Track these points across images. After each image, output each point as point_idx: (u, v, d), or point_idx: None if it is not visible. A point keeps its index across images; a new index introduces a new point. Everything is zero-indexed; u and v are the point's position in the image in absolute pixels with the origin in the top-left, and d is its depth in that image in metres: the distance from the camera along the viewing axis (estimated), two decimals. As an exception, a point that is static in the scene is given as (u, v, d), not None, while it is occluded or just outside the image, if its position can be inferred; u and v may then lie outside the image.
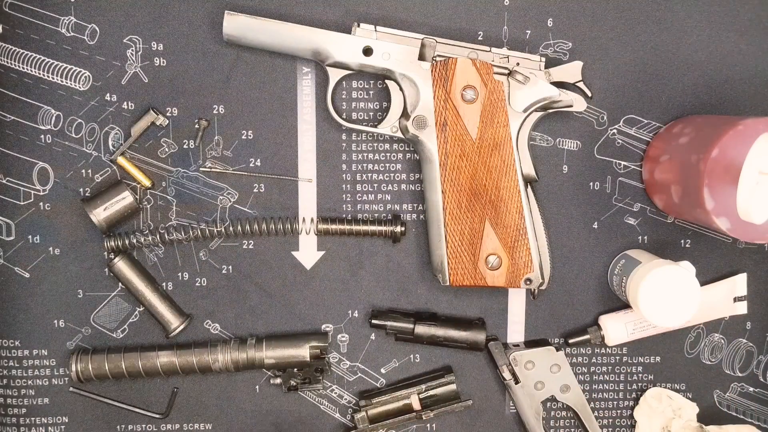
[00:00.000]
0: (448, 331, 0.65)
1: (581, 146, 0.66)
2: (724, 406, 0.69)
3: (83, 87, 0.63)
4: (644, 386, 0.68)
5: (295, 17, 0.63)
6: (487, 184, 0.60)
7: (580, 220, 0.66)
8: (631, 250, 0.65)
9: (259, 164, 0.65)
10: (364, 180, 0.65)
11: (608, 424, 0.69)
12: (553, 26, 0.64)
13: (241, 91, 0.64)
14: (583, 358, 0.68)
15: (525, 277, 0.61)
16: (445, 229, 0.61)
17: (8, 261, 0.65)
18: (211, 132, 0.64)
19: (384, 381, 0.68)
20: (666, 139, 0.63)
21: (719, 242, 0.67)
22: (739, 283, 0.66)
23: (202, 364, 0.63)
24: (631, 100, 0.65)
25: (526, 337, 0.68)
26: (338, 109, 0.65)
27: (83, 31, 0.63)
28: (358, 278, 0.66)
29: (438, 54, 0.60)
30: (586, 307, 0.67)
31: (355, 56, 0.60)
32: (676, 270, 0.59)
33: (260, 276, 0.66)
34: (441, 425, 0.68)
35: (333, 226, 0.64)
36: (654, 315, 0.60)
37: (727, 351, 0.68)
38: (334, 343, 0.67)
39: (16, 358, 0.66)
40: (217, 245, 0.65)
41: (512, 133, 0.60)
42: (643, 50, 0.65)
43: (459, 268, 0.61)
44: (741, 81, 0.65)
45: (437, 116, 0.60)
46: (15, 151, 0.63)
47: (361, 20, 0.63)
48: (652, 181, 0.64)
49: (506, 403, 0.68)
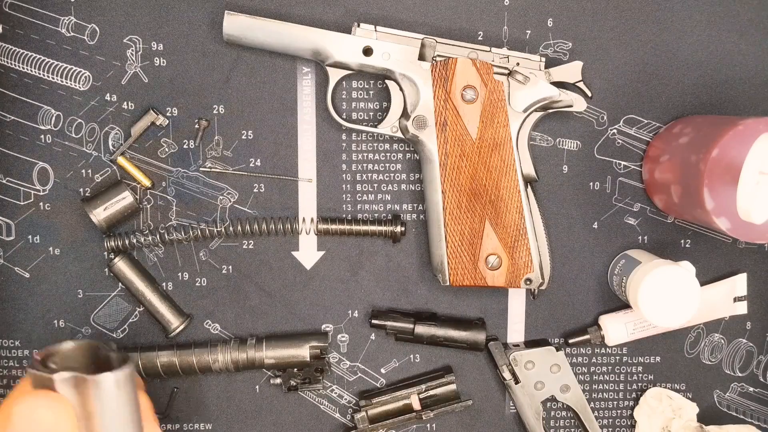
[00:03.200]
0: (448, 331, 0.65)
1: (581, 146, 0.66)
2: (724, 406, 0.69)
3: (83, 87, 0.63)
4: (644, 386, 0.68)
5: (295, 17, 0.63)
6: (487, 184, 0.60)
7: (580, 220, 0.66)
8: (631, 250, 0.65)
9: (259, 164, 0.65)
10: (364, 180, 0.65)
11: (608, 424, 0.69)
12: (553, 26, 0.64)
13: (241, 91, 0.64)
14: (583, 358, 0.68)
15: (525, 277, 0.61)
16: (445, 229, 0.61)
17: (8, 261, 0.65)
18: (211, 132, 0.64)
19: (384, 381, 0.68)
20: (666, 139, 0.63)
21: (719, 242, 0.67)
22: (739, 283, 0.66)
23: (202, 364, 0.63)
24: (631, 100, 0.65)
25: (526, 337, 0.68)
26: (338, 109, 0.65)
27: (83, 31, 0.63)
28: (358, 278, 0.66)
29: (438, 54, 0.60)
30: (586, 307, 0.67)
31: (355, 56, 0.60)
32: (676, 270, 0.59)
33: (260, 276, 0.66)
34: (441, 425, 0.68)
35: (333, 226, 0.64)
36: (654, 315, 0.60)
37: (727, 351, 0.68)
38: (334, 343, 0.67)
39: (16, 358, 0.66)
40: (217, 245, 0.65)
41: (512, 133, 0.60)
42: (643, 50, 0.65)
43: (459, 268, 0.61)
44: (741, 81, 0.65)
45: (437, 116, 0.60)
46: (15, 151, 0.63)
47: (361, 20, 0.63)
48: (652, 181, 0.64)
49: (506, 403, 0.68)
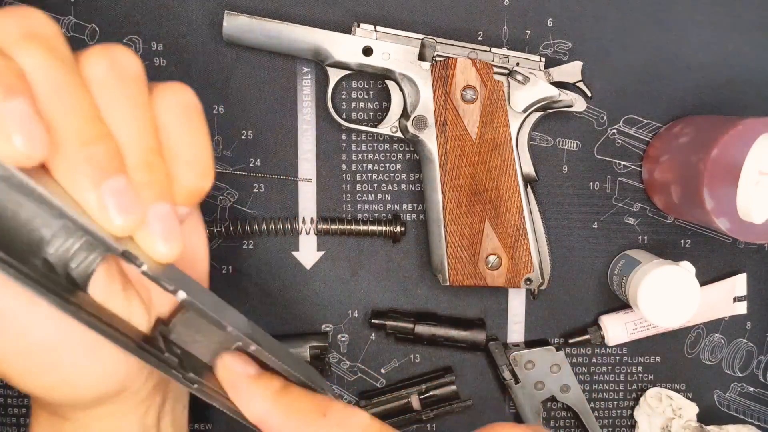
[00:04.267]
0: (448, 331, 0.65)
1: (581, 146, 0.66)
2: (724, 406, 0.69)
3: (83, 87, 0.63)
4: (644, 386, 0.68)
5: (295, 17, 0.63)
6: (487, 184, 0.60)
7: (580, 220, 0.66)
8: (631, 250, 0.65)
9: (259, 164, 0.65)
10: (364, 180, 0.65)
11: (608, 424, 0.69)
12: (553, 26, 0.64)
13: (241, 91, 0.64)
14: (583, 358, 0.68)
15: (525, 277, 0.61)
16: (445, 229, 0.61)
17: (8, 261, 0.64)
18: (211, 132, 0.64)
19: (384, 381, 0.68)
20: (666, 139, 0.63)
21: (719, 242, 0.67)
22: (739, 283, 0.66)
23: (202, 364, 0.63)
24: (631, 100, 0.65)
25: (526, 337, 0.68)
26: (338, 109, 0.65)
27: (83, 31, 0.63)
28: (358, 278, 0.66)
29: (438, 54, 0.60)
30: (586, 307, 0.67)
31: (355, 56, 0.60)
32: (676, 270, 0.59)
33: (260, 276, 0.66)
34: (441, 425, 0.68)
35: (333, 226, 0.64)
36: (654, 315, 0.60)
37: (727, 351, 0.68)
38: (334, 343, 0.67)
39: (16, 358, 0.65)
40: (217, 245, 0.65)
41: (512, 133, 0.60)
42: (644, 50, 0.65)
43: (459, 268, 0.61)
44: (741, 81, 0.65)
45: (437, 116, 0.60)
46: (15, 151, 0.63)
47: (361, 20, 0.63)
48: (652, 181, 0.64)
49: (506, 403, 0.68)
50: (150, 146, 0.33)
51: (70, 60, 0.32)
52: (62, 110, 0.30)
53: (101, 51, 0.33)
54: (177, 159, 0.35)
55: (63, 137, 0.30)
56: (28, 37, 0.30)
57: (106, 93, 0.32)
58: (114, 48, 0.34)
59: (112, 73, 0.33)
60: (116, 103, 0.33)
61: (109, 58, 0.33)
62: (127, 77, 0.34)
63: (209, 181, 0.36)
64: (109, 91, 0.33)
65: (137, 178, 0.32)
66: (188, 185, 0.35)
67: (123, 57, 0.34)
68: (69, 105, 0.31)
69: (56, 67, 0.30)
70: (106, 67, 0.33)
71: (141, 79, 0.34)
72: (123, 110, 0.33)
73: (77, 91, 0.31)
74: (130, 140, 0.33)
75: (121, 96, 0.33)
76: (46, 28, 0.31)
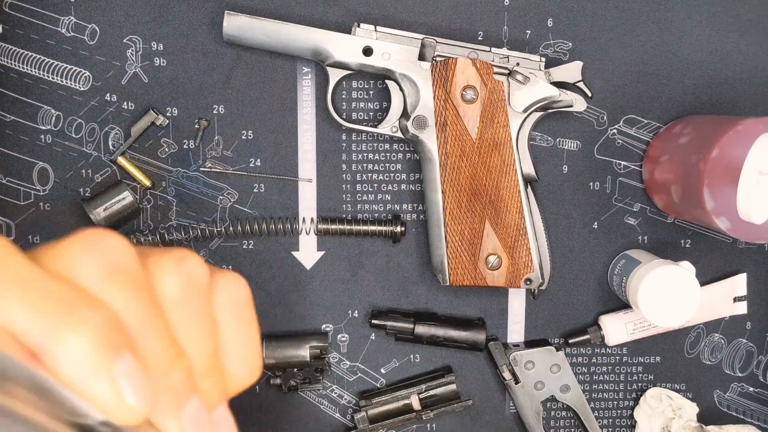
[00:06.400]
0: (448, 331, 0.65)
1: (581, 146, 0.66)
2: (724, 406, 0.69)
3: (83, 87, 0.63)
4: (644, 386, 0.68)
5: (295, 17, 0.63)
6: (487, 184, 0.60)
7: (580, 220, 0.66)
8: (631, 250, 0.65)
9: (259, 164, 0.65)
10: (364, 180, 0.65)
11: (608, 424, 0.69)
12: (553, 26, 0.64)
13: (241, 91, 0.64)
14: (583, 358, 0.68)
15: (525, 277, 0.61)
16: (445, 229, 0.61)
17: (8, 261, 0.64)
18: (211, 132, 0.64)
19: (384, 381, 0.68)
20: (666, 139, 0.63)
21: (719, 242, 0.67)
22: (739, 283, 0.66)
23: (202, 364, 0.63)
24: (631, 100, 0.65)
25: (526, 337, 0.68)
26: (338, 109, 0.65)
27: (83, 31, 0.63)
28: (358, 278, 0.66)
29: (438, 54, 0.60)
30: (586, 307, 0.67)
31: (355, 56, 0.60)
32: (676, 270, 0.59)
33: (260, 276, 0.66)
34: (441, 425, 0.68)
35: (333, 226, 0.64)
36: (654, 315, 0.60)
37: (727, 351, 0.68)
38: (334, 343, 0.67)
39: (16, 358, 0.65)
40: (217, 245, 0.65)
41: (512, 133, 0.60)
42: (643, 50, 0.65)
43: (459, 268, 0.61)
44: (741, 81, 0.65)
45: (437, 116, 0.60)
46: (15, 151, 0.63)
47: (361, 20, 0.63)
48: (652, 181, 0.64)
49: (506, 403, 0.68)
50: (212, 351, 0.33)
51: (149, 288, 0.31)
52: (144, 345, 0.30)
53: (175, 267, 0.32)
54: (231, 356, 0.35)
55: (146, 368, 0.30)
56: (113, 275, 0.29)
57: (179, 311, 0.32)
58: (186, 260, 0.33)
59: (185, 290, 0.32)
60: (188, 318, 0.32)
61: (183, 274, 0.32)
62: (197, 291, 0.33)
63: (258, 376, 0.36)
64: (182, 309, 0.32)
65: (203, 386, 0.33)
66: (241, 383, 0.35)
67: (194, 269, 0.33)
68: (152, 338, 0.30)
69: (142, 305, 0.29)
70: (179, 286, 0.32)
71: (207, 287, 0.34)
72: (194, 324, 0.32)
73: (158, 321, 0.30)
74: (195, 349, 0.32)
75: (192, 312, 0.33)
76: (126, 258, 0.30)
